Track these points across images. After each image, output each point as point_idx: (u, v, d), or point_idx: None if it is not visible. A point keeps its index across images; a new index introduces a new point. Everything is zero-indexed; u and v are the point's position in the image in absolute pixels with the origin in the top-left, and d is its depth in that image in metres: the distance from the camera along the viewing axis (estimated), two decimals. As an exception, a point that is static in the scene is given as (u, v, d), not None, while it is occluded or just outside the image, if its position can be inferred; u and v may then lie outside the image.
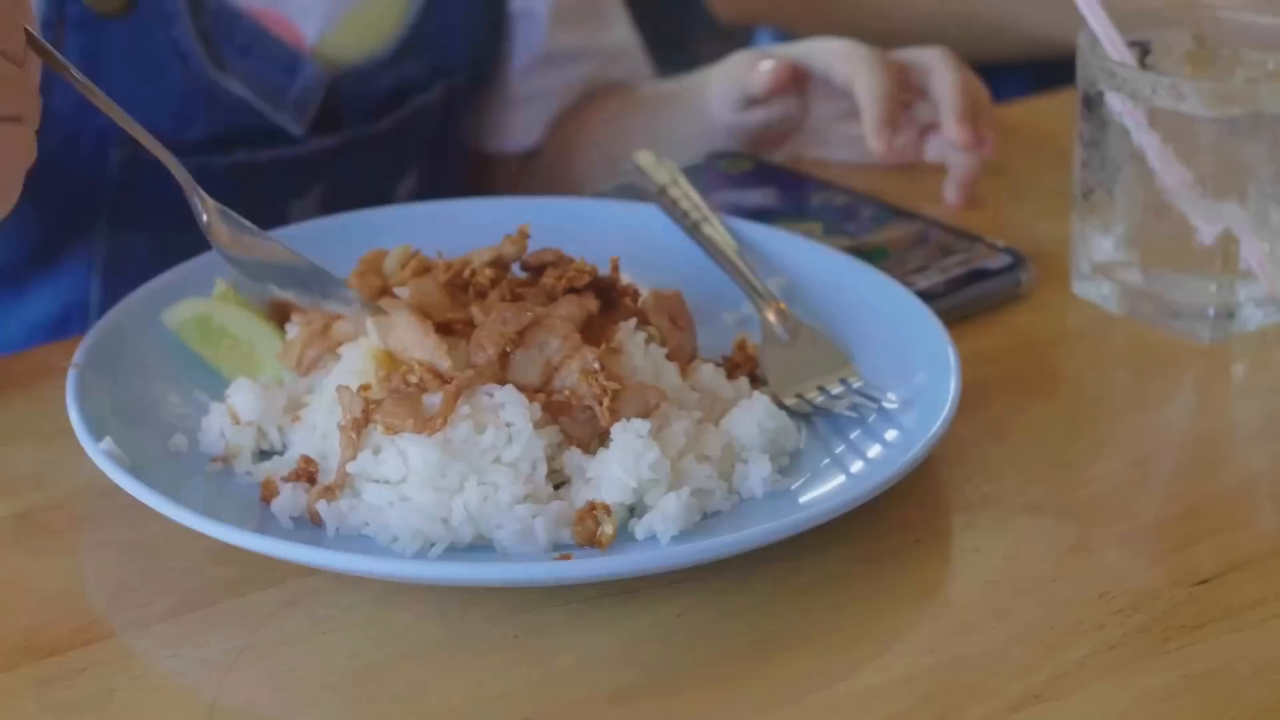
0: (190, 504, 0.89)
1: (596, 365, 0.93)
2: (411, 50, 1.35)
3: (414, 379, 0.92)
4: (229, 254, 0.96)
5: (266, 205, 1.29)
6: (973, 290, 1.15)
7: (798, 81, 1.31)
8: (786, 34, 1.88)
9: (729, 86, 1.32)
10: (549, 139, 1.48)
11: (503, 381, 0.93)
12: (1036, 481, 0.99)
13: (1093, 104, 1.12)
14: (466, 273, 0.99)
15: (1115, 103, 1.10)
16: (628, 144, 1.42)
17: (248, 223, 0.96)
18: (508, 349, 0.94)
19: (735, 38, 1.92)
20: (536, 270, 1.01)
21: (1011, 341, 1.13)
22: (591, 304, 0.98)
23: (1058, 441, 1.03)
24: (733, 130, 1.34)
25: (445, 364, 0.93)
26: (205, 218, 0.95)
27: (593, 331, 0.97)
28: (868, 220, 1.23)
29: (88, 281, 1.30)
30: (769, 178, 1.29)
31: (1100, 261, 1.15)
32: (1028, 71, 1.68)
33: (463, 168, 1.48)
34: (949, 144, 1.26)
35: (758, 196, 1.26)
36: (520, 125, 1.47)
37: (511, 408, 0.92)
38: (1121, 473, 1.01)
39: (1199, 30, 1.14)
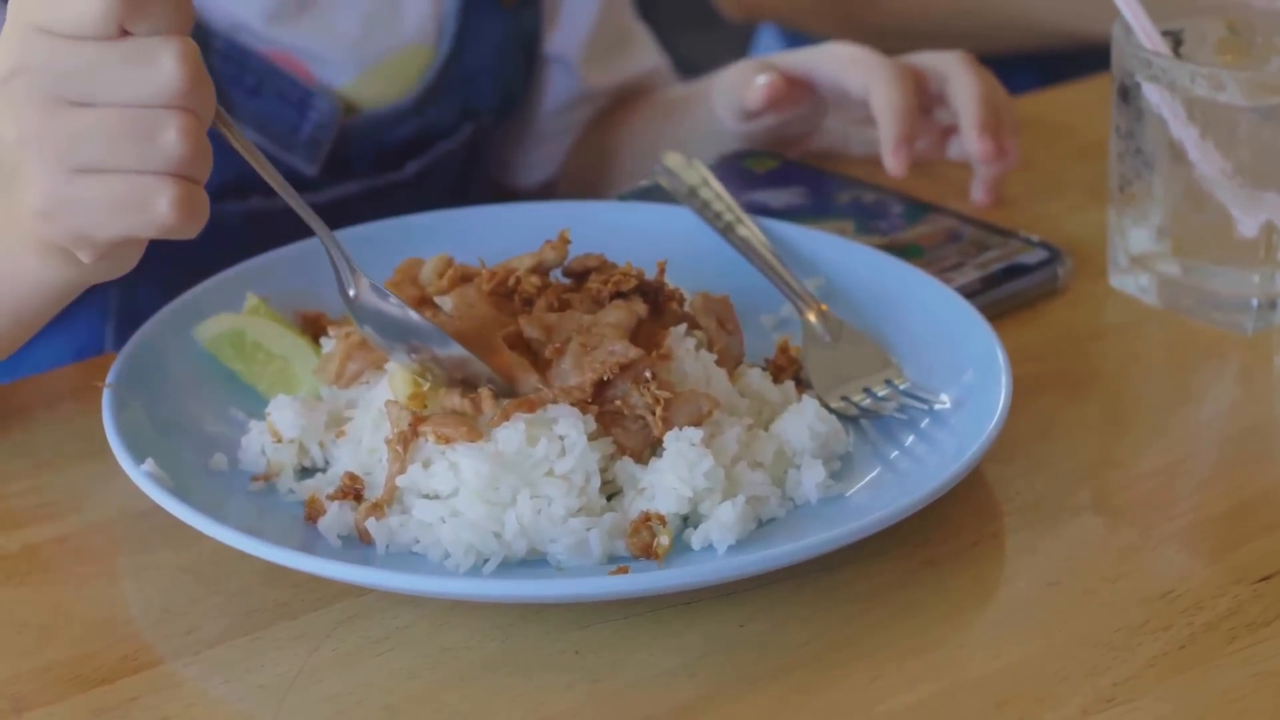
0: (236, 524, 0.88)
1: (649, 374, 0.92)
2: (438, 94, 1.31)
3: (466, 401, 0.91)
4: (365, 315, 0.94)
5: (277, 247, 1.26)
6: (1010, 286, 1.13)
7: (800, 92, 1.28)
8: (791, 30, 1.87)
9: (728, 98, 1.29)
10: (576, 155, 1.45)
11: (586, 408, 0.91)
12: (1088, 479, 0.98)
13: (1129, 95, 1.11)
14: (511, 281, 0.97)
15: (1152, 93, 1.09)
16: (646, 149, 1.40)
17: (392, 296, 0.94)
18: (552, 357, 0.93)
19: (714, 26, 1.90)
20: (579, 276, 1.00)
21: (1051, 337, 1.11)
22: (640, 309, 0.96)
23: (1105, 438, 1.02)
24: (741, 137, 1.32)
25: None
26: (353, 292, 0.94)
27: (641, 337, 0.95)
28: (898, 217, 1.21)
29: (101, 329, 1.27)
30: (795, 176, 1.27)
31: (1138, 254, 1.14)
32: (1039, 63, 1.67)
33: (482, 200, 1.46)
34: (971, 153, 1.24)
35: (785, 195, 1.24)
36: (544, 160, 1.44)
37: (565, 421, 0.90)
38: (1173, 468, 0.99)
39: (1231, 18, 1.13)
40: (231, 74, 1.24)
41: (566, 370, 0.93)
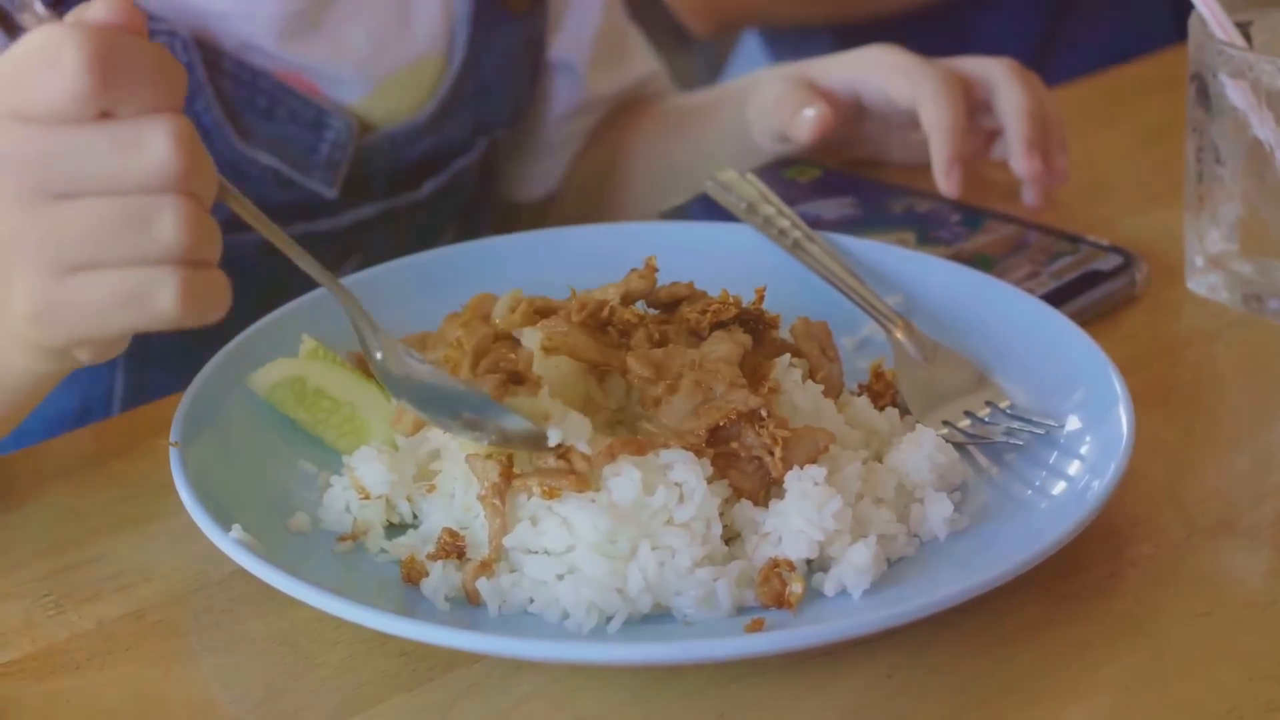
0: (335, 590, 0.81)
1: (764, 413, 0.86)
2: (453, 109, 1.26)
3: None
4: (400, 387, 0.87)
5: (299, 279, 1.20)
6: (1090, 295, 1.09)
7: (846, 109, 1.22)
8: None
9: (768, 121, 1.23)
10: (579, 167, 1.40)
11: (702, 452, 0.86)
12: (1214, 498, 0.94)
13: (1206, 91, 1.06)
14: (605, 312, 0.91)
15: (1233, 90, 1.05)
16: (669, 163, 1.35)
17: (417, 355, 0.87)
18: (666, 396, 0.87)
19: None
20: (668, 306, 0.94)
21: (1137, 348, 1.07)
22: (744, 340, 0.90)
23: (1223, 453, 0.98)
24: (775, 152, 1.27)
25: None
26: (380, 355, 0.86)
27: (745, 369, 0.90)
28: (958, 225, 1.16)
29: (109, 373, 1.20)
30: (841, 185, 1.22)
31: (1216, 255, 1.10)
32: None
33: (493, 216, 1.40)
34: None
35: (835, 206, 1.19)
36: (547, 172, 1.39)
37: (681, 467, 0.84)
38: (1298, 483, 0.95)
39: (1303, 9, 1.09)
40: (243, 96, 1.17)
41: (679, 409, 0.87)
